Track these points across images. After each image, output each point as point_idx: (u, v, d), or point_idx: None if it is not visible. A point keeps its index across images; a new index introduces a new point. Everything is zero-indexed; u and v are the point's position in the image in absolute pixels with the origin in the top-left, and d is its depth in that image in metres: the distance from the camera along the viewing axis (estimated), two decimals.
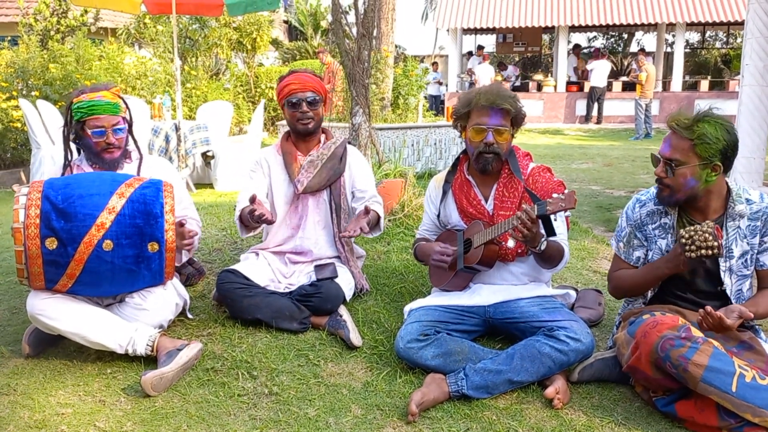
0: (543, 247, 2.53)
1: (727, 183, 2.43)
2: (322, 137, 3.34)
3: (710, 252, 2.20)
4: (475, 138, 2.75)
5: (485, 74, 16.97)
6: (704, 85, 18.06)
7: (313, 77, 3.23)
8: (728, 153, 2.31)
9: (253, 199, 2.89)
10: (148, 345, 2.66)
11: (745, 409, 2.07)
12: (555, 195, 2.36)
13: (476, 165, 2.80)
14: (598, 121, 16.86)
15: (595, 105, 16.80)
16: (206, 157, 7.30)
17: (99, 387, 2.56)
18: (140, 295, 2.81)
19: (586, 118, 17.00)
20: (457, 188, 2.92)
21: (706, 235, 2.20)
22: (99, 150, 2.92)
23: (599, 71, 16.09)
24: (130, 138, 3.04)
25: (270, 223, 2.93)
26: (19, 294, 3.53)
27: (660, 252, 2.50)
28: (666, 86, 17.98)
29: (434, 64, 19.45)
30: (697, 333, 2.21)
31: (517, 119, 2.77)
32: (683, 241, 2.26)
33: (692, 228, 2.25)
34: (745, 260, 2.40)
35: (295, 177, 3.24)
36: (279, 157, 3.32)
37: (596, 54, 17.10)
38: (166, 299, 2.86)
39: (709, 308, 2.21)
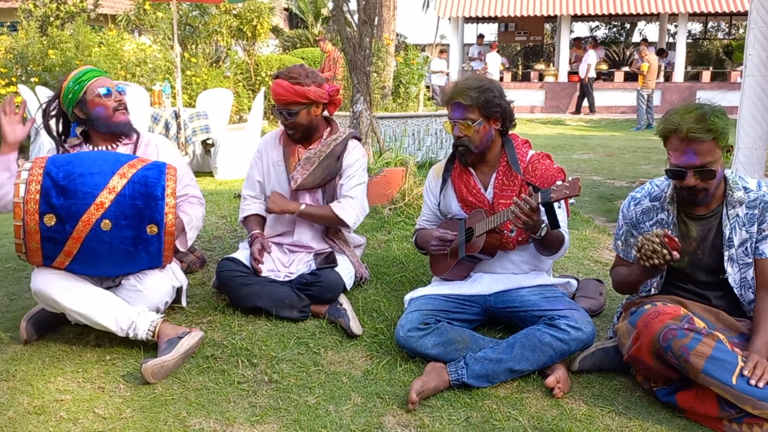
0: (543, 234, 2.52)
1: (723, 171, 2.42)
2: (326, 131, 3.27)
3: (662, 260, 2.22)
4: (448, 130, 2.80)
5: (493, 63, 16.92)
6: (706, 76, 18.00)
7: (289, 87, 3.03)
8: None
9: (253, 240, 3.17)
10: (149, 330, 2.65)
11: (745, 402, 2.06)
12: (559, 182, 2.35)
13: (456, 156, 2.88)
14: (592, 111, 16.87)
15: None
16: (206, 145, 7.27)
17: (98, 373, 2.55)
18: (136, 277, 2.79)
19: (591, 109, 16.94)
20: (456, 177, 2.90)
21: (654, 246, 2.23)
22: (111, 112, 2.91)
23: (594, 62, 16.13)
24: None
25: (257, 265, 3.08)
26: (17, 280, 3.53)
27: None
28: (668, 77, 17.92)
29: (442, 52, 18.98)
30: (699, 324, 2.21)
31: (488, 109, 2.69)
32: (637, 254, 2.30)
33: (642, 237, 2.28)
34: (746, 248, 2.39)
35: (291, 171, 3.21)
36: (280, 147, 3.29)
37: (588, 44, 17.13)
38: (162, 282, 2.83)
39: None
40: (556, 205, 2.43)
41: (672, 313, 2.24)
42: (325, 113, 3.26)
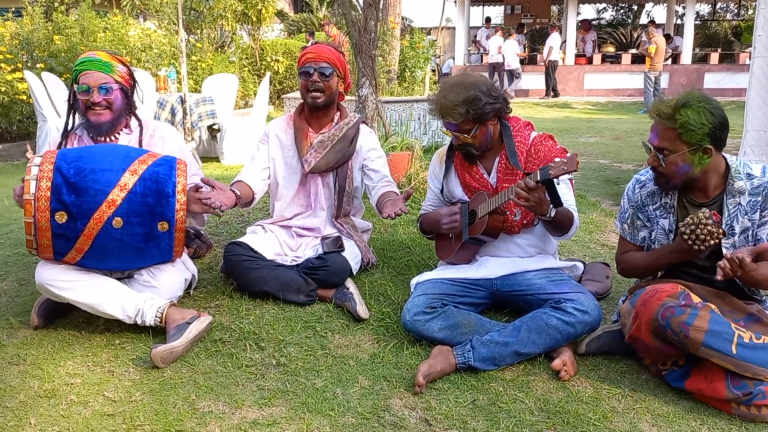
0: (553, 214, 2.51)
1: (725, 159, 2.38)
2: (336, 116, 3.28)
3: (717, 240, 2.21)
4: (448, 135, 2.78)
5: (494, 46, 16.83)
6: (714, 57, 17.82)
7: (333, 50, 3.17)
8: (717, 133, 2.26)
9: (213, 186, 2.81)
10: (156, 316, 2.66)
11: (746, 369, 2.12)
12: (557, 159, 2.34)
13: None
14: (556, 95, 16.76)
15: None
16: (212, 131, 7.27)
17: (108, 357, 2.58)
18: (149, 272, 2.81)
19: (555, 92, 16.83)
20: (459, 164, 2.89)
21: (709, 227, 2.19)
22: (84, 110, 2.84)
23: (557, 44, 16.09)
24: (124, 107, 2.92)
25: (218, 215, 2.81)
26: (26, 266, 3.55)
27: (663, 232, 2.48)
28: (675, 59, 17.76)
29: (511, 33, 18.29)
30: (696, 299, 2.23)
31: (480, 118, 2.63)
32: (685, 237, 2.25)
33: (691, 222, 2.23)
34: (747, 236, 2.37)
35: (303, 155, 3.21)
36: (290, 131, 3.28)
37: (551, 27, 17.09)
38: (175, 276, 2.86)
39: (728, 256, 2.16)
40: (556, 182, 2.41)
41: (669, 290, 2.26)
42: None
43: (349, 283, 3.06)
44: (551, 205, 2.48)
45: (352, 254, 3.18)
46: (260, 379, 2.43)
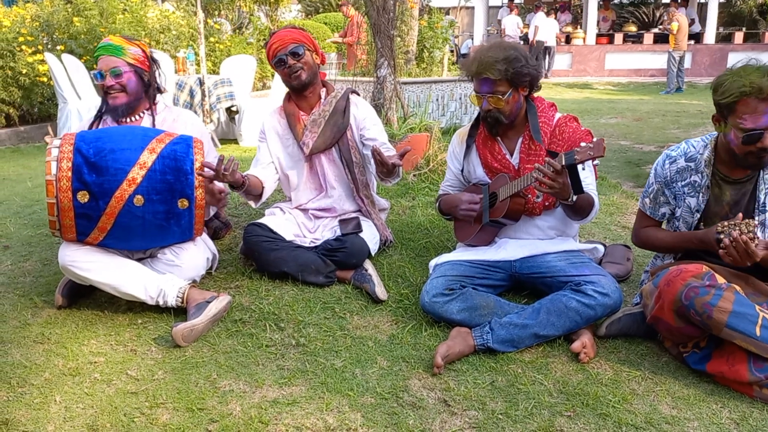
0: (574, 199, 2.48)
1: None
2: (323, 92, 3.25)
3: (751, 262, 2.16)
4: (476, 103, 2.75)
5: (511, 25, 16.67)
6: (738, 37, 17.47)
7: (293, 30, 3.13)
8: None
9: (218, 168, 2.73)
10: (178, 297, 2.70)
11: None
12: (583, 144, 2.31)
13: (484, 126, 2.82)
14: (546, 76, 16.60)
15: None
16: (230, 113, 7.29)
17: (130, 337, 2.61)
18: (172, 251, 2.84)
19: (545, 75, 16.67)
20: (480, 143, 2.87)
21: (748, 236, 2.14)
22: (104, 95, 2.93)
23: (542, 24, 15.98)
24: (141, 88, 2.96)
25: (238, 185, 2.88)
26: (50, 246, 3.60)
27: (689, 210, 2.45)
28: (699, 38, 17.45)
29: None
30: (720, 280, 2.20)
31: (517, 80, 2.63)
32: (722, 246, 2.19)
33: (730, 232, 2.17)
34: None
35: (300, 139, 3.20)
36: (283, 120, 3.28)
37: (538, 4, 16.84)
38: (197, 255, 2.89)
39: (735, 235, 2.13)
40: (580, 167, 2.38)
41: (694, 270, 2.23)
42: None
43: (368, 265, 3.07)
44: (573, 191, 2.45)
45: (371, 235, 3.18)
46: (280, 359, 2.45)
